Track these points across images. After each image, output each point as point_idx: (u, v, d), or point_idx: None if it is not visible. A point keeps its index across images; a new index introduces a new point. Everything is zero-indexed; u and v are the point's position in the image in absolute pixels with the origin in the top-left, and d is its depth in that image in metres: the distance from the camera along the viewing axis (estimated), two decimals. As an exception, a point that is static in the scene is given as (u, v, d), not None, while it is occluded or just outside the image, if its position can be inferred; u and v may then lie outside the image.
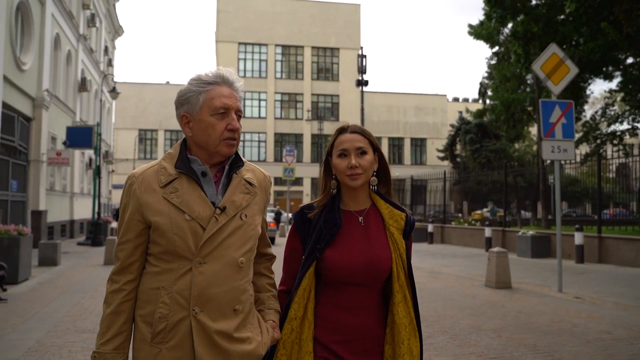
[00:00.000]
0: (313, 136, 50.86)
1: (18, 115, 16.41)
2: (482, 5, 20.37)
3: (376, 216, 2.04)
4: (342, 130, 2.05)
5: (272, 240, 19.34)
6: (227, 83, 1.87)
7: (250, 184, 1.91)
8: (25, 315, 7.07)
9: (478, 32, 28.71)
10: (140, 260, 1.84)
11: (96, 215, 21.37)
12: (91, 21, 26.18)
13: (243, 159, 1.95)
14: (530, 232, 16.07)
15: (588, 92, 26.55)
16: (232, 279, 1.80)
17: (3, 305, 7.80)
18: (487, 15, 20.58)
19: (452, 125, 38.38)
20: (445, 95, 61.18)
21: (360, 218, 2.03)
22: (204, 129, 1.83)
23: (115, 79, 28.07)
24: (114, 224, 25.81)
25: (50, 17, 18.92)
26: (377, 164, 2.06)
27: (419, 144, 57.32)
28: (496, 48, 29.54)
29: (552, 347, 5.56)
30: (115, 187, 43.60)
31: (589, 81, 24.28)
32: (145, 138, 54.03)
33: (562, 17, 20.14)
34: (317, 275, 1.96)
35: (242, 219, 1.84)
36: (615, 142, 25.33)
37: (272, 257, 2.11)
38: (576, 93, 21.63)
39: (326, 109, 53.30)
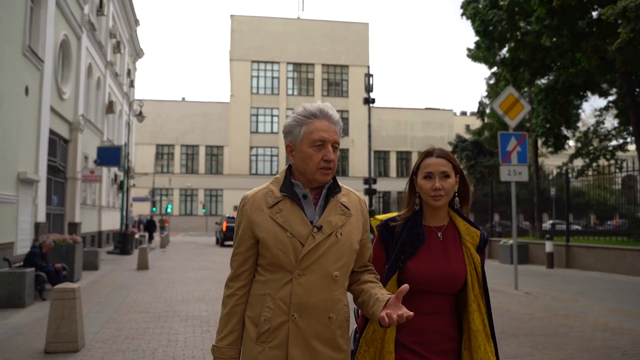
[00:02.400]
0: (323, 150, 52.60)
1: (59, 139, 18.67)
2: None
3: (453, 232, 2.18)
4: (428, 154, 2.18)
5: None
6: (326, 117, 2.02)
7: (345, 207, 2.05)
8: (92, 302, 9.26)
9: (475, 55, 30.67)
10: (251, 270, 2.06)
11: (124, 227, 23.61)
12: (116, 48, 28.35)
13: (341, 184, 2.11)
14: (510, 242, 17.99)
15: (580, 110, 28.23)
16: (327, 290, 1.96)
17: (71, 296, 9.95)
18: (477, 45, 22.66)
19: (450, 143, 40.48)
20: (452, 110, 63.22)
21: (439, 233, 2.17)
22: (303, 158, 2.00)
23: (135, 97, 30.30)
24: (138, 235, 28.08)
25: (85, 50, 21.20)
26: (458, 184, 2.20)
27: (426, 158, 59.09)
28: (494, 69, 31.38)
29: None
30: (135, 199, 45.20)
31: (581, 100, 25.85)
32: (163, 153, 55.88)
33: (548, 44, 21.96)
34: (399, 283, 2.08)
35: (337, 237, 1.98)
36: (607, 157, 27.06)
37: (374, 271, 2.18)
38: (565, 113, 23.40)
39: (336, 124, 55.27)
